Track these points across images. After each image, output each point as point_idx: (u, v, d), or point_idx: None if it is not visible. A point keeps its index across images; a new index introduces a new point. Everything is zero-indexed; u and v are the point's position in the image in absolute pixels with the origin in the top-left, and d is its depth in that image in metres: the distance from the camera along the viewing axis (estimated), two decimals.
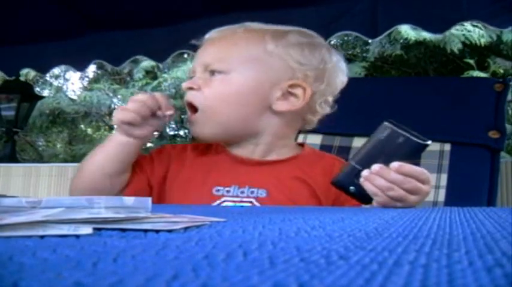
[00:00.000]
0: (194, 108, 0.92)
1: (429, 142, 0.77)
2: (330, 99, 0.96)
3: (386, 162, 0.75)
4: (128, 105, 0.89)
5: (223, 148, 0.97)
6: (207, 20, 1.94)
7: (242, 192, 0.90)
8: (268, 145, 0.95)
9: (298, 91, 0.91)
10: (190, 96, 0.93)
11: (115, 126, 0.92)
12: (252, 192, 0.90)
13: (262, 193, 0.90)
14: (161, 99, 0.89)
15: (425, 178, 0.78)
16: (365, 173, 0.76)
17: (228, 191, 0.91)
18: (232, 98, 0.91)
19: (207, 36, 0.98)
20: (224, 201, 0.90)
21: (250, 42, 0.93)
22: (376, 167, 0.75)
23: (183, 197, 0.92)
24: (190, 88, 0.93)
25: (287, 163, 0.95)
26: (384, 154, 0.76)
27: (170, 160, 0.97)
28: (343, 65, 0.99)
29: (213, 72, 0.92)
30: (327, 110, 0.97)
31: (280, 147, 0.96)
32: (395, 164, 0.75)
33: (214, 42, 0.96)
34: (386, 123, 0.77)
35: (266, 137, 0.94)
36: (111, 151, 0.90)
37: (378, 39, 1.93)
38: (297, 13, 1.86)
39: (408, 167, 0.76)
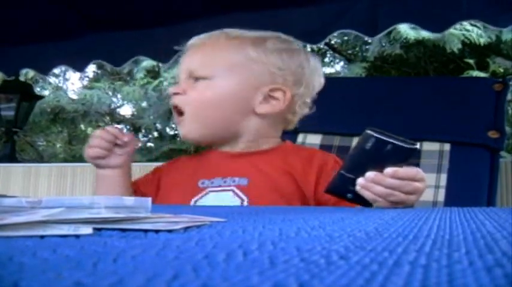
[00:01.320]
0: (180, 112, 0.99)
1: (417, 146, 0.76)
2: (308, 100, 1.03)
3: (378, 169, 0.75)
4: (90, 142, 0.98)
5: (210, 148, 1.05)
6: (207, 20, 1.94)
7: (225, 182, 0.96)
8: (251, 142, 1.01)
9: (279, 94, 0.97)
10: (176, 100, 0.99)
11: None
12: (234, 181, 0.96)
13: (243, 182, 0.95)
14: (113, 131, 0.98)
15: (420, 176, 0.78)
16: (361, 181, 0.76)
17: (212, 183, 0.97)
18: (217, 102, 0.97)
19: (189, 42, 1.03)
20: (208, 192, 0.96)
21: (232, 49, 0.98)
22: (370, 175, 0.76)
23: (170, 194, 1.00)
24: (176, 93, 0.99)
25: (267, 153, 1.00)
26: (373, 162, 0.76)
27: (162, 171, 1.07)
28: (319, 67, 1.05)
29: (197, 79, 0.98)
30: (306, 110, 1.03)
31: (262, 143, 1.02)
32: (389, 171, 0.75)
33: (197, 49, 1.01)
34: (369, 131, 0.76)
35: (249, 136, 1.00)
36: (101, 185, 1.00)
37: (377, 37, 1.93)
38: (297, 12, 1.86)
39: (402, 171, 0.76)
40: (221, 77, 0.97)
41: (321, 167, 0.96)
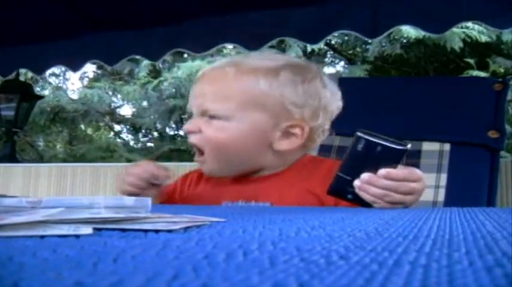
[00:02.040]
0: (201, 151, 0.96)
1: (408, 146, 0.76)
2: (327, 127, 0.99)
3: (373, 170, 0.75)
4: (126, 178, 0.97)
5: None
6: (206, 19, 1.94)
7: (249, 206, 0.94)
8: (274, 170, 0.99)
9: (297, 130, 0.94)
10: (194, 140, 0.96)
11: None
12: (257, 205, 0.94)
13: (266, 206, 0.93)
14: (152, 170, 0.96)
15: (416, 177, 0.78)
16: (357, 183, 0.77)
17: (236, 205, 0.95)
18: (234, 143, 0.94)
19: (200, 73, 1.00)
20: None
21: (245, 86, 0.93)
22: (365, 176, 0.76)
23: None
24: (191, 131, 0.96)
25: (289, 172, 0.98)
26: (367, 163, 0.76)
27: (185, 181, 1.07)
28: (337, 91, 1.00)
29: (211, 116, 0.94)
30: (326, 135, 1.00)
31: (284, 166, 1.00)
32: (382, 172, 0.75)
33: (208, 84, 0.96)
34: (359, 133, 0.76)
35: (271, 169, 0.98)
36: None
37: (377, 39, 1.93)
38: (297, 13, 1.86)
39: (394, 172, 0.76)
40: (236, 118, 0.93)
41: None
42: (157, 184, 0.98)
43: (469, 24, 4.66)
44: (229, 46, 4.03)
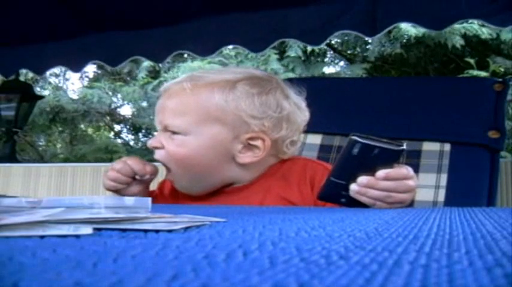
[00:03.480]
0: (167, 167, 0.97)
1: (404, 146, 0.76)
2: (296, 138, 0.98)
3: (368, 173, 0.75)
4: (108, 173, 0.99)
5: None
6: (206, 20, 1.94)
7: None
8: (246, 182, 0.98)
9: (258, 142, 0.93)
10: (158, 156, 0.96)
11: None
12: None
13: None
14: (133, 166, 0.97)
15: (411, 175, 0.78)
16: (354, 187, 0.76)
17: None
18: (195, 158, 0.93)
19: (161, 88, 1.00)
20: None
21: (200, 100, 0.93)
22: (363, 180, 0.75)
23: None
24: (155, 147, 0.96)
25: (260, 183, 0.97)
26: (362, 167, 0.75)
27: (162, 191, 1.07)
28: (300, 101, 0.98)
29: (173, 132, 0.94)
30: (297, 146, 0.99)
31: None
32: (381, 173, 0.75)
33: (167, 99, 0.96)
34: (354, 137, 0.75)
35: (242, 181, 0.97)
36: None
37: (376, 37, 1.93)
38: (296, 13, 1.86)
39: (394, 172, 0.76)
40: (195, 133, 0.92)
41: (312, 179, 0.94)
42: (142, 180, 0.99)
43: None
44: (229, 46, 4.02)
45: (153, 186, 1.10)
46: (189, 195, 1.00)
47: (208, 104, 0.92)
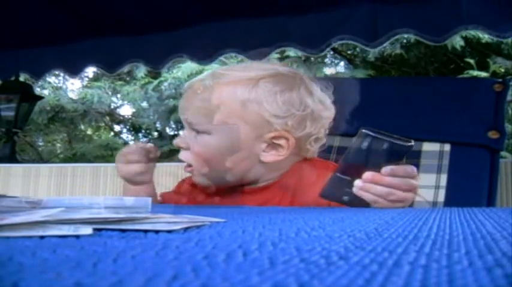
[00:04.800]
0: (189, 164, 0.97)
1: (412, 143, 0.76)
2: (322, 135, 0.96)
3: (374, 169, 0.75)
4: (126, 158, 1.03)
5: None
6: (206, 26, 1.94)
7: None
8: (266, 181, 0.97)
9: (282, 141, 0.91)
10: (183, 156, 0.97)
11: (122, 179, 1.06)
12: None
13: None
14: (147, 146, 1.03)
15: (415, 174, 0.79)
16: (358, 183, 0.76)
17: None
18: (219, 157, 0.93)
19: (185, 86, 1.00)
20: None
21: (224, 100, 0.91)
22: (368, 175, 0.75)
23: None
24: (181, 147, 0.97)
25: (280, 183, 0.96)
26: (370, 162, 0.75)
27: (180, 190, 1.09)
28: (325, 97, 0.96)
29: (197, 131, 0.94)
30: (321, 143, 0.98)
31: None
32: (387, 169, 0.75)
33: (190, 98, 0.96)
34: (364, 131, 0.74)
35: (263, 181, 0.97)
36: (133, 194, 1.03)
37: (378, 49, 1.92)
38: (296, 20, 1.85)
39: (401, 169, 0.76)
40: (218, 132, 0.92)
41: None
42: (154, 159, 1.04)
43: None
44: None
45: (157, 188, 1.11)
46: (207, 194, 1.01)
47: (231, 103, 0.91)
